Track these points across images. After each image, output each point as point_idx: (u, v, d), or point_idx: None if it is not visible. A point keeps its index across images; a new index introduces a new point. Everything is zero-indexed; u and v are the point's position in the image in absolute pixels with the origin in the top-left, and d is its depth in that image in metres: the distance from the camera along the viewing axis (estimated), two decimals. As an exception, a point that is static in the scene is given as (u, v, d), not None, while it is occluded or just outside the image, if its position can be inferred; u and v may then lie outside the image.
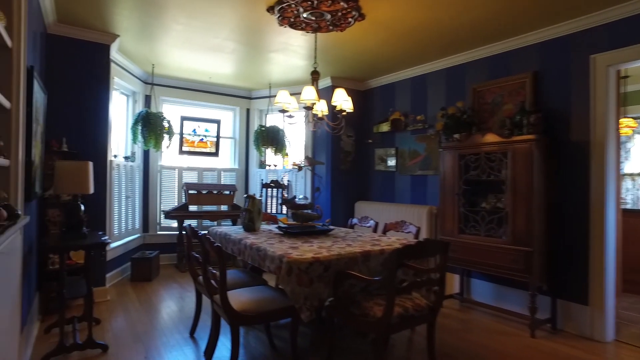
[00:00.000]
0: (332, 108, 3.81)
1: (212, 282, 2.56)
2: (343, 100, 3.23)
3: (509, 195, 3.54)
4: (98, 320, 3.42)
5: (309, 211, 3.51)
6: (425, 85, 4.92)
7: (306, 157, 3.47)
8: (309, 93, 3.14)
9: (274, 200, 6.07)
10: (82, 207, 3.06)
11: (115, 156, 4.85)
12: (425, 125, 4.86)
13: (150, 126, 4.86)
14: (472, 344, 3.16)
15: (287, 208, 3.28)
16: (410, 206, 4.80)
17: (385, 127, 5.33)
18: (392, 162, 5.33)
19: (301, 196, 3.38)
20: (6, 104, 2.19)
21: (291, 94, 3.54)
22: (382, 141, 5.50)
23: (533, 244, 3.34)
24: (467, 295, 4.28)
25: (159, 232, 5.81)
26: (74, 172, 2.90)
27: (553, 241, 3.55)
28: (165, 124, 5.05)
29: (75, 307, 3.71)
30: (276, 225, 3.65)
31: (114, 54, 4.45)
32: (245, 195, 3.46)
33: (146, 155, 5.66)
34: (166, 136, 5.09)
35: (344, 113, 3.35)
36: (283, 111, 3.34)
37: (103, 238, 3.02)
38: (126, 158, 5.16)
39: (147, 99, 5.59)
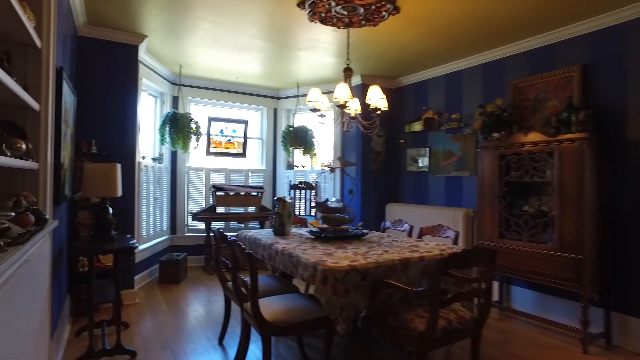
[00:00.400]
0: (364, 106, 3.66)
1: (243, 289, 2.44)
2: (378, 99, 3.06)
3: (556, 198, 3.29)
4: (126, 324, 3.38)
5: (341, 214, 3.36)
6: (461, 82, 4.69)
7: (338, 158, 3.33)
8: (343, 90, 2.99)
9: (303, 202, 5.96)
10: (111, 210, 3.02)
11: (143, 157, 4.83)
12: (460, 124, 4.63)
13: (177, 127, 4.82)
14: (518, 358, 2.94)
15: (320, 212, 3.15)
16: (445, 208, 4.58)
17: (417, 127, 5.12)
18: (424, 163, 5.12)
19: (334, 199, 3.24)
20: (35, 105, 2.14)
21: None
22: (414, 141, 5.30)
23: (584, 251, 3.09)
24: (506, 304, 4.03)
25: (186, 234, 5.78)
26: (102, 174, 2.85)
27: (606, 248, 3.28)
28: (193, 125, 5.01)
29: (104, 310, 3.68)
30: (307, 229, 3.51)
31: (142, 55, 4.42)
32: (275, 198, 3.34)
33: (174, 156, 5.64)
34: (194, 137, 5.05)
35: (379, 112, 3.18)
36: (314, 110, 3.20)
37: (131, 242, 2.96)
38: (154, 159, 5.14)
39: (175, 100, 5.57)
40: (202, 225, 5.75)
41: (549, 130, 3.42)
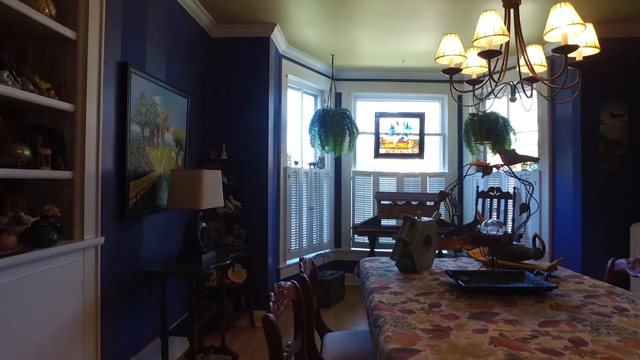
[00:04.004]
0: (563, 58, 2.13)
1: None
2: (567, 26, 1.55)
3: None
4: (236, 355, 2.90)
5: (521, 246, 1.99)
6: None
7: (498, 150, 1.98)
8: (490, 22, 1.66)
9: (495, 215, 4.45)
10: (203, 224, 2.58)
11: (296, 163, 4.43)
12: None
13: (327, 126, 4.20)
14: None
15: (466, 242, 1.91)
16: None
17: (693, 93, 2.98)
18: None
19: (490, 220, 1.92)
20: (65, 106, 1.81)
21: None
22: (688, 118, 3.13)
23: None
24: None
25: (352, 248, 5.12)
26: (185, 182, 2.43)
27: None
28: (346, 122, 4.28)
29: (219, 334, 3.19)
30: (448, 269, 2.28)
31: (285, 48, 4.01)
32: (402, 215, 2.26)
33: (338, 160, 5.07)
34: (348, 137, 4.33)
35: (577, 59, 1.67)
36: (450, 71, 1.96)
37: (213, 265, 2.44)
38: (313, 164, 4.69)
39: (338, 97, 5.01)
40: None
41: None
